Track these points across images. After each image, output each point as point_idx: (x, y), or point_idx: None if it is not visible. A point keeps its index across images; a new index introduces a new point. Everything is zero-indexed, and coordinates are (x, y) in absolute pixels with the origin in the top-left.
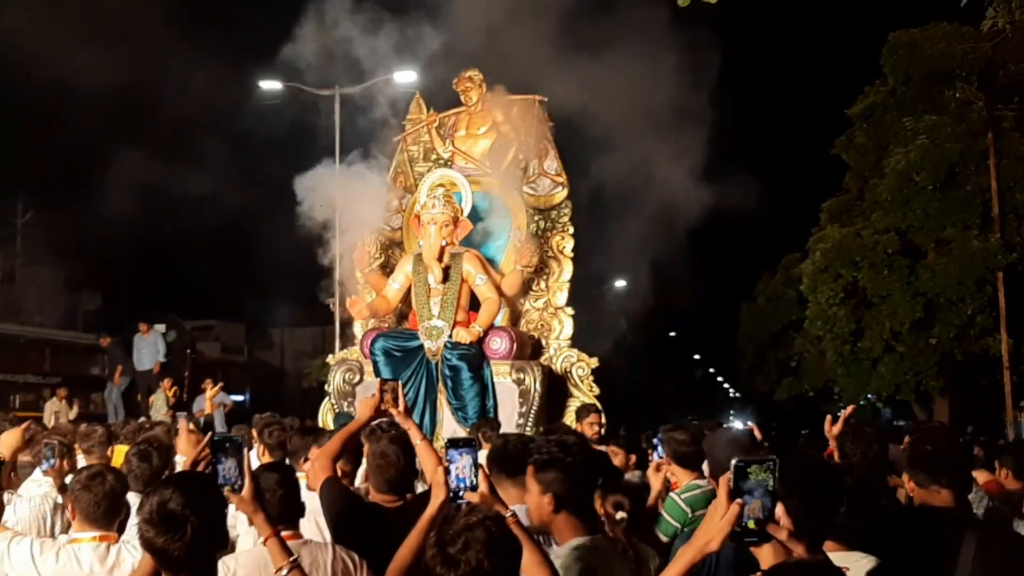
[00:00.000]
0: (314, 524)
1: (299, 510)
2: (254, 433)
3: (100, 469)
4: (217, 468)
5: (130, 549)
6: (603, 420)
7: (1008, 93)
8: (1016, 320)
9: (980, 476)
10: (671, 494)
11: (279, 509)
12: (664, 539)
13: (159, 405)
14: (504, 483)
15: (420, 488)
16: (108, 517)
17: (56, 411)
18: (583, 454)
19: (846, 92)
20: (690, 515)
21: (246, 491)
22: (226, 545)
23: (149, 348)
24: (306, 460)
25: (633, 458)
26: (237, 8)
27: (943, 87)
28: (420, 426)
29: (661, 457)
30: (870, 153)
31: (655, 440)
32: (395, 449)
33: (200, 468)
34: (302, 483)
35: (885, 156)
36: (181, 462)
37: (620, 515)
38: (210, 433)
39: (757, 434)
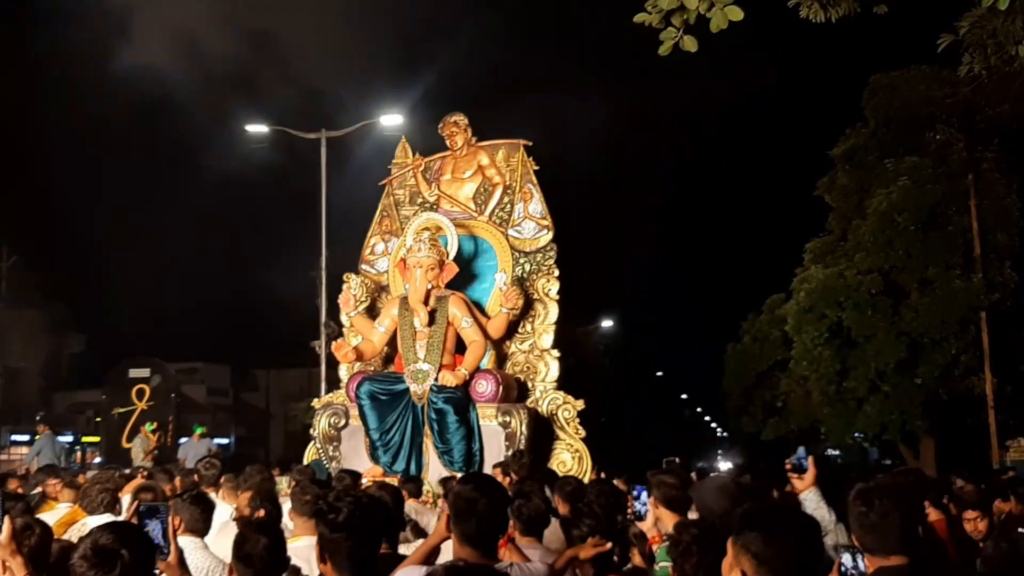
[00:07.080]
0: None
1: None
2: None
3: (28, 523)
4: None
5: None
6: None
7: (988, 135)
8: (1000, 359)
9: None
10: (661, 546)
11: (266, 561)
12: None
13: (138, 450)
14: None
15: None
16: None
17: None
18: None
19: (828, 134)
20: None
21: (172, 556)
22: None
23: (45, 450)
24: None
25: None
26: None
27: (924, 129)
28: (407, 470)
29: (644, 504)
30: (852, 194)
31: (636, 490)
32: (473, 491)
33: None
34: None
35: (867, 197)
36: None
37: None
38: (137, 502)
39: None
